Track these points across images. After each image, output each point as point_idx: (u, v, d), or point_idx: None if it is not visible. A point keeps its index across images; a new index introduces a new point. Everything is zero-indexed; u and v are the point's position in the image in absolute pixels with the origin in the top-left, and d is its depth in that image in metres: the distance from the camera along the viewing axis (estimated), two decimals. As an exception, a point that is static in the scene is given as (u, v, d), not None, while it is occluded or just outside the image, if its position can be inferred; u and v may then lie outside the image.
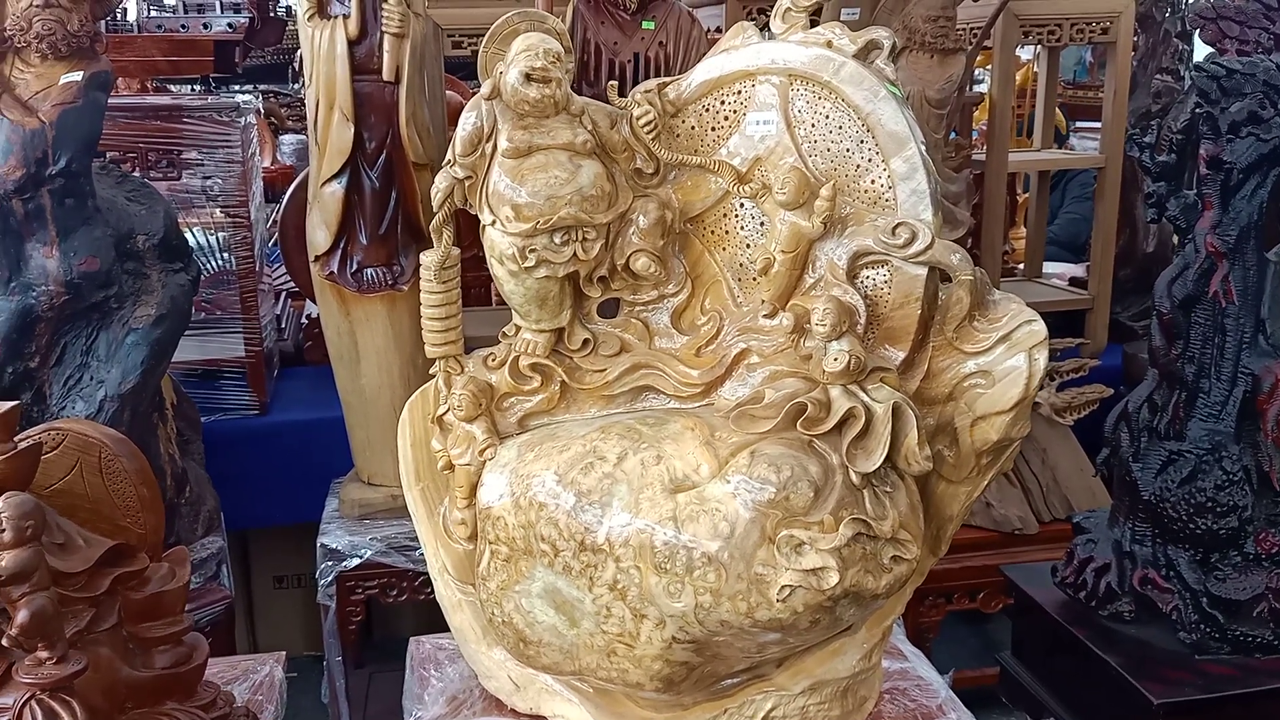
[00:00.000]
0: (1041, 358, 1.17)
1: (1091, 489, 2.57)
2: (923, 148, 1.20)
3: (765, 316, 1.29)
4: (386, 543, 2.29)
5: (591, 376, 1.35)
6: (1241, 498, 1.57)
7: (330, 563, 2.28)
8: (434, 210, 1.33)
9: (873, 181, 1.23)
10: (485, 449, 1.35)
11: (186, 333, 2.45)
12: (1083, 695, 1.67)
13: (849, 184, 1.24)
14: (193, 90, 4.27)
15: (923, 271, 1.19)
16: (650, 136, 1.30)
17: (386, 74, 2.13)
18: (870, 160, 1.22)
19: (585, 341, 1.36)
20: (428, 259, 1.36)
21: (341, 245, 2.21)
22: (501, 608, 1.32)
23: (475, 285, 3.16)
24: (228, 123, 2.55)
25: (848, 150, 1.23)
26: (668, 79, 1.33)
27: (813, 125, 1.25)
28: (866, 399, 1.17)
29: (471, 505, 1.38)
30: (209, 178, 2.62)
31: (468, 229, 2.60)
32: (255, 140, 2.77)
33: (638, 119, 1.30)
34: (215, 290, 2.84)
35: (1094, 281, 2.92)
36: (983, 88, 3.10)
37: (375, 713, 2.50)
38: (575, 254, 1.28)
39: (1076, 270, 3.44)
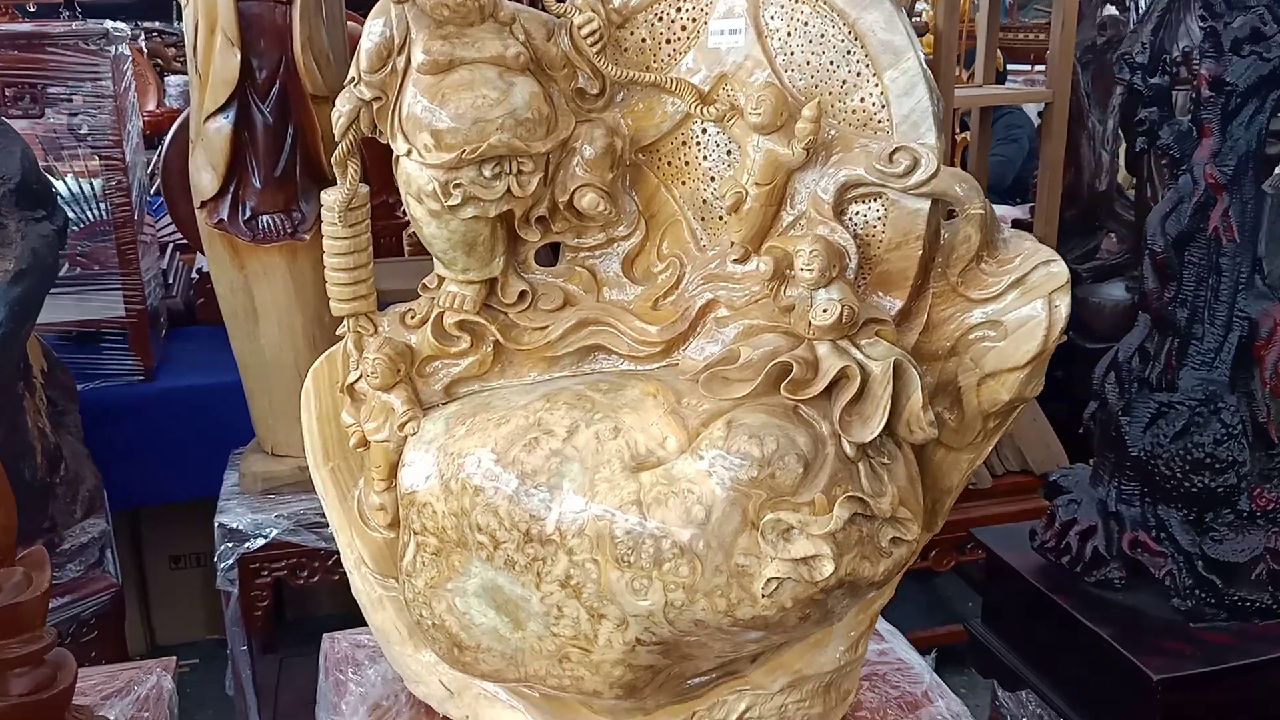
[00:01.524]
0: (1064, 304, 1.00)
1: (1045, 439, 2.46)
2: (922, 58, 1.01)
3: (735, 261, 1.10)
4: (295, 520, 2.07)
5: (530, 335, 1.15)
6: (1240, 452, 1.44)
7: (230, 544, 2.06)
8: (336, 139, 1.11)
9: (862, 100, 1.04)
10: (406, 423, 1.14)
11: (59, 290, 2.19)
12: (1068, 668, 1.55)
13: (833, 103, 1.05)
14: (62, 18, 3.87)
15: (925, 205, 1.02)
16: (595, 49, 1.09)
17: (277, -8, 1.87)
18: (859, 75, 1.04)
19: (522, 294, 1.15)
20: (330, 198, 1.13)
21: (231, 189, 1.97)
22: (431, 608, 1.13)
23: (385, 234, 2.92)
24: (96, 51, 2.25)
25: (832, 64, 1.04)
26: (612, -17, 1.13)
27: (789, 35, 1.06)
28: (860, 356, 1.00)
29: (391, 488, 1.18)
30: (77, 115, 2.33)
31: (373, 168, 2.37)
32: (129, 73, 2.48)
33: (580, 28, 1.09)
34: (91, 242, 2.55)
35: (1040, 223, 2.80)
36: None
37: (288, 704, 2.29)
38: (509, 189, 1.08)
39: (1016, 212, 3.32)
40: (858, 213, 1.05)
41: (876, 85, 1.03)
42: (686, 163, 1.13)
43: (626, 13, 1.12)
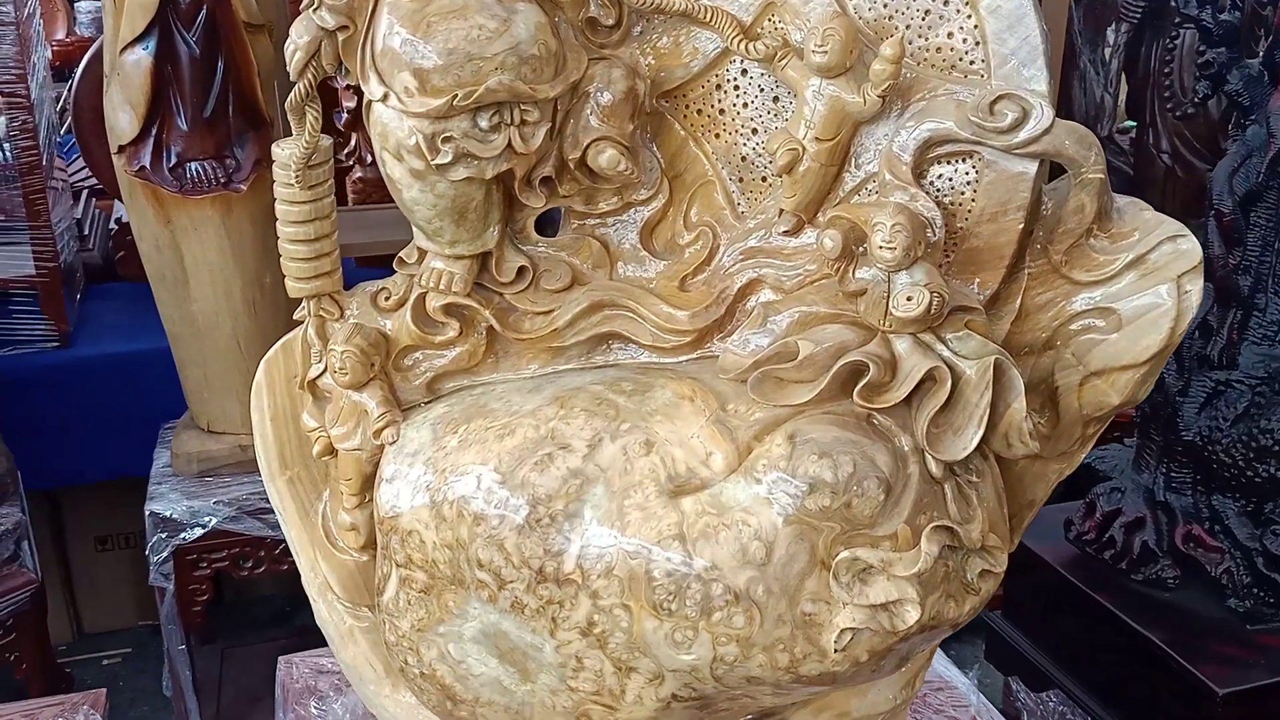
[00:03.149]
0: (1195, 289, 0.83)
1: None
2: (1029, -16, 0.82)
3: (784, 233, 0.91)
4: (237, 506, 1.86)
5: (532, 321, 0.95)
6: (1310, 437, 1.30)
7: (164, 534, 1.84)
8: (292, 78, 0.89)
9: (949, 36, 0.85)
10: (383, 428, 0.94)
11: (-45, 246, 1.93)
12: (1108, 671, 1.42)
13: (912, 39, 0.86)
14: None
15: (1031, 168, 0.83)
16: (611, -32, 0.89)
17: (202, -99, 1.61)
18: (947, 4, 0.84)
19: (521, 271, 0.95)
20: (285, 152, 0.92)
21: (154, 132, 1.72)
22: (419, 655, 0.93)
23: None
24: (-8, -28, 1.96)
25: (912, -11, 0.85)
26: (625, -110, 0.91)
27: (855, -47, 0.86)
28: (949, 355, 0.82)
29: (364, 504, 0.98)
30: (-28, 45, 2.04)
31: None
32: (33, -2, 2.19)
33: (593, -58, 0.88)
34: (-2, 189, 2.27)
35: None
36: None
37: (231, 700, 2.09)
38: (510, 144, 0.87)
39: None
40: (941, 176, 0.86)
41: (970, 17, 0.83)
42: (721, 111, 0.93)
43: (646, -75, 0.90)
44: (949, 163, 0.85)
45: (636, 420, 0.86)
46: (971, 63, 0.84)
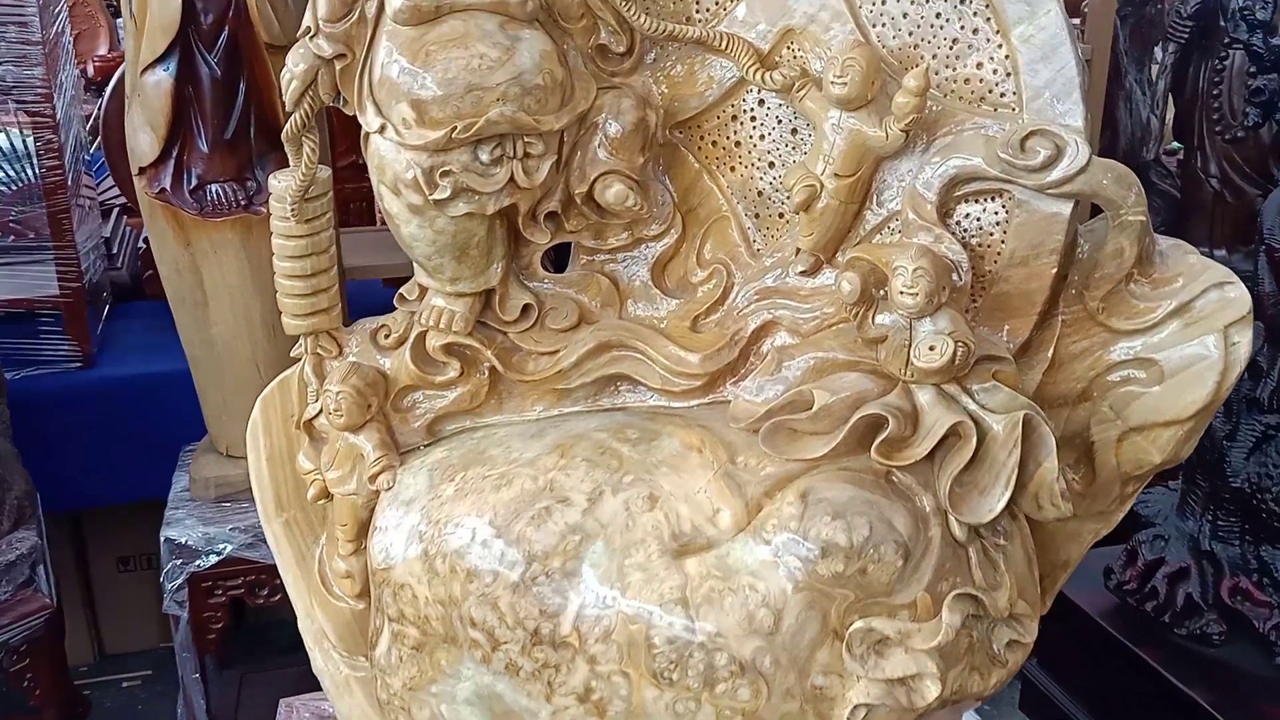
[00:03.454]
0: (1243, 341, 0.77)
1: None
2: (1063, 10, 0.77)
3: (801, 273, 0.86)
4: (253, 533, 1.82)
5: (536, 361, 0.91)
6: (1370, 487, 1.23)
7: (179, 561, 1.80)
8: (288, 108, 0.86)
9: (978, 66, 0.80)
10: (379, 473, 0.90)
11: (-19, 264, 1.93)
12: (1150, 729, 1.34)
13: (939, 69, 0.81)
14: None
15: (1065, 208, 0.78)
16: (623, -5, 0.84)
17: (224, -79, 1.59)
18: (976, 32, 0.79)
19: (526, 309, 0.91)
20: (281, 184, 0.88)
21: (174, 154, 1.70)
22: (410, 715, 0.89)
23: (354, 199, 2.64)
24: (20, -9, 1.96)
25: (939, 16, 0.80)
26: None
27: (879, -22, 0.81)
28: (975, 408, 0.76)
29: (360, 551, 0.94)
30: (1, 64, 2.04)
31: (342, 129, 2.05)
32: (63, 15, 2.18)
33: (603, -34, 0.84)
34: (27, 207, 2.27)
35: (1074, 193, 2.56)
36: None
37: (248, 728, 2.06)
38: (512, 178, 0.83)
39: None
40: (968, 215, 0.81)
41: (1000, 47, 0.78)
42: (737, 143, 0.89)
43: (660, -53, 0.86)
44: (977, 202, 0.80)
45: (640, 472, 0.81)
46: (1002, 95, 0.79)
